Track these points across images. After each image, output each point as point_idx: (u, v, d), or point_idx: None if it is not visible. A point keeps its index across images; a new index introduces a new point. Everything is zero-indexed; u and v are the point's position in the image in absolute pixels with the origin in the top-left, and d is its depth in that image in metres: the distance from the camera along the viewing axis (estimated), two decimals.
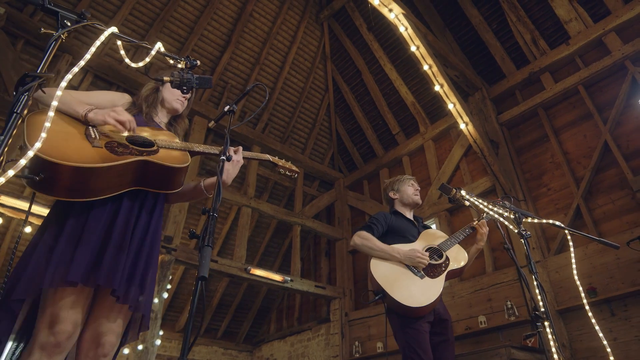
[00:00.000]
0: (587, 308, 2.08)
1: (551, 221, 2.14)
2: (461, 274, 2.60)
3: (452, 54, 6.31)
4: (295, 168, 2.04)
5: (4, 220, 6.08)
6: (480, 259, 5.65)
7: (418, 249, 2.45)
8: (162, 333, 6.66)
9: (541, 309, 1.81)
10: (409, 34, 5.43)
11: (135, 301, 1.38)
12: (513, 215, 2.10)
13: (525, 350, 4.21)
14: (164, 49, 1.45)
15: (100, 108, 1.52)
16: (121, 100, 1.74)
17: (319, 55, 8.34)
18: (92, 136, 1.43)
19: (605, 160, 5.02)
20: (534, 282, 1.87)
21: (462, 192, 2.30)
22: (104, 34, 1.22)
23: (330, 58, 8.41)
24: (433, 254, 2.52)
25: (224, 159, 1.46)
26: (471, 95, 6.45)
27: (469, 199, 2.27)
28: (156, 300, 5.17)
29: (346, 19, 7.96)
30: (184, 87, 1.47)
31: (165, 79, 1.47)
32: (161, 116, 1.86)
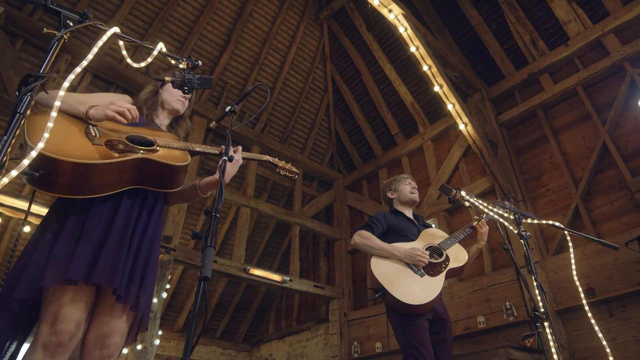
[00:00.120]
0: (587, 309, 2.09)
1: (551, 222, 2.15)
2: (461, 273, 2.61)
3: (452, 55, 6.32)
4: (295, 169, 2.03)
5: (2, 219, 6.07)
6: (479, 260, 5.66)
7: (418, 247, 2.46)
8: (161, 333, 6.65)
9: (541, 309, 1.81)
10: (409, 35, 5.43)
11: (136, 300, 1.38)
12: (513, 216, 2.11)
13: (524, 351, 4.22)
14: (165, 49, 1.45)
15: None
16: (121, 100, 1.74)
17: (318, 56, 8.34)
18: (93, 134, 1.44)
19: (603, 161, 5.03)
20: (534, 283, 1.87)
21: (462, 193, 2.30)
22: (106, 34, 1.22)
23: (330, 58, 8.41)
24: (433, 252, 2.53)
25: (225, 159, 1.46)
26: (470, 96, 6.46)
27: (469, 199, 2.27)
28: (155, 300, 5.16)
29: (346, 19, 7.96)
30: (186, 88, 1.48)
31: (167, 79, 1.47)
32: (162, 118, 1.85)
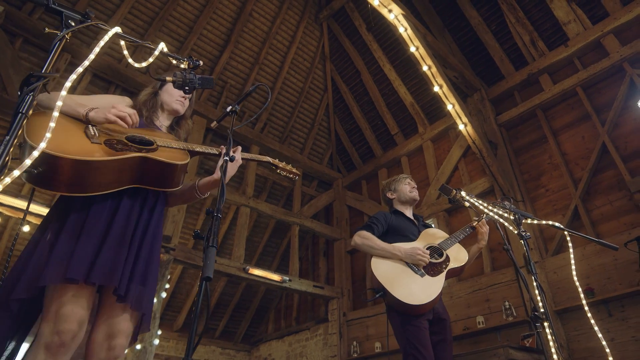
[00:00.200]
0: (587, 309, 2.09)
1: (551, 222, 2.15)
2: (461, 273, 2.61)
3: (451, 55, 6.32)
4: (296, 170, 2.03)
5: (1, 219, 6.06)
6: (478, 260, 5.67)
7: (419, 247, 2.46)
8: (160, 333, 6.65)
9: (541, 309, 1.81)
10: (409, 35, 5.43)
11: (137, 300, 1.38)
12: (513, 216, 2.11)
13: (523, 351, 4.22)
14: (166, 49, 1.45)
15: None
16: (121, 103, 1.73)
17: (318, 55, 8.34)
18: (92, 133, 1.44)
19: (603, 162, 5.04)
20: (534, 283, 1.87)
21: (463, 193, 2.30)
22: (108, 34, 1.22)
23: (330, 58, 8.41)
24: (434, 252, 2.53)
25: (227, 159, 1.46)
26: (470, 96, 6.46)
27: (469, 200, 2.28)
28: (154, 300, 5.16)
29: (345, 19, 7.96)
30: (187, 88, 1.48)
31: (168, 79, 1.47)
32: (162, 120, 1.85)
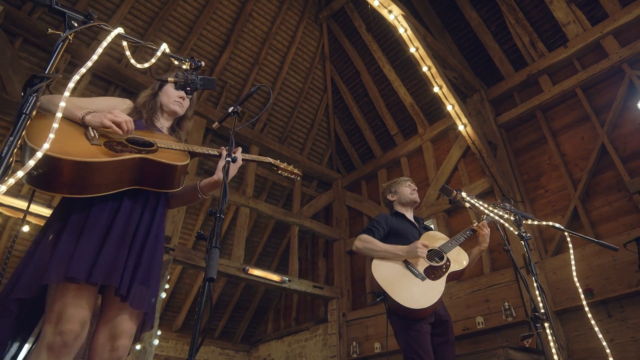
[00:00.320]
0: (587, 309, 2.10)
1: (551, 223, 2.15)
2: (462, 275, 2.61)
3: (451, 56, 6.33)
4: (297, 171, 2.02)
5: (1, 219, 6.05)
6: (478, 260, 5.65)
7: (418, 241, 2.45)
8: (160, 333, 6.64)
9: (541, 310, 1.82)
10: (408, 36, 5.44)
11: (139, 300, 1.38)
12: (513, 217, 2.11)
13: (523, 351, 4.23)
14: (168, 50, 1.45)
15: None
16: (122, 105, 1.73)
17: (317, 56, 8.35)
18: (92, 135, 1.44)
19: (602, 163, 5.05)
20: (534, 284, 1.88)
21: (463, 194, 2.30)
22: (111, 35, 1.22)
23: (329, 58, 8.42)
24: (434, 255, 2.52)
25: (229, 160, 1.47)
26: (470, 97, 6.47)
27: (470, 200, 2.28)
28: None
29: (345, 20, 7.96)
30: (188, 88, 1.48)
31: (170, 79, 1.47)
32: (163, 121, 1.85)
